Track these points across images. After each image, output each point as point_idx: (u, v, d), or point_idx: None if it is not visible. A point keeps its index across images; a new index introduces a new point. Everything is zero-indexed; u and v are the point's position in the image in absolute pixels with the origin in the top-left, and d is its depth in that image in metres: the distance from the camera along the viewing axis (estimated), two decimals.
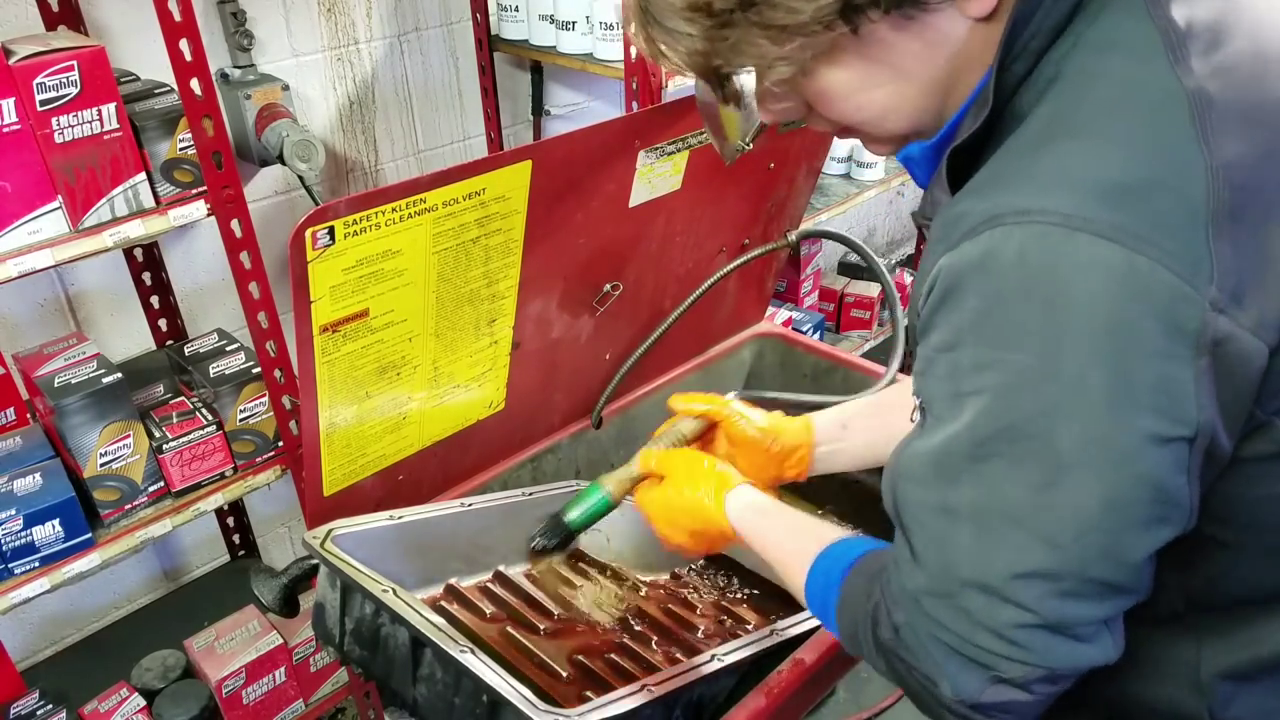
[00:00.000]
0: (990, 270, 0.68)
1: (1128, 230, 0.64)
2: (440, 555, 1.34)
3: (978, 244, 0.68)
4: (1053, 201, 0.66)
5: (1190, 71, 0.67)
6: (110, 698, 1.74)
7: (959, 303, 0.70)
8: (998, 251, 0.67)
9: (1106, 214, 0.64)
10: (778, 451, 1.26)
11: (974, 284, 0.69)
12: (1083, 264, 0.64)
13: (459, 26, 2.38)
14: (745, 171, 1.65)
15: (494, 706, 1.00)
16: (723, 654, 1.19)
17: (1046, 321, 0.66)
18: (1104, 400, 0.65)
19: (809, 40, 0.74)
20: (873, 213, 4.21)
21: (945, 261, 0.71)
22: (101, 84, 1.40)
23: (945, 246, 0.72)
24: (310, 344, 1.18)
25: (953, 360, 0.72)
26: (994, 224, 0.68)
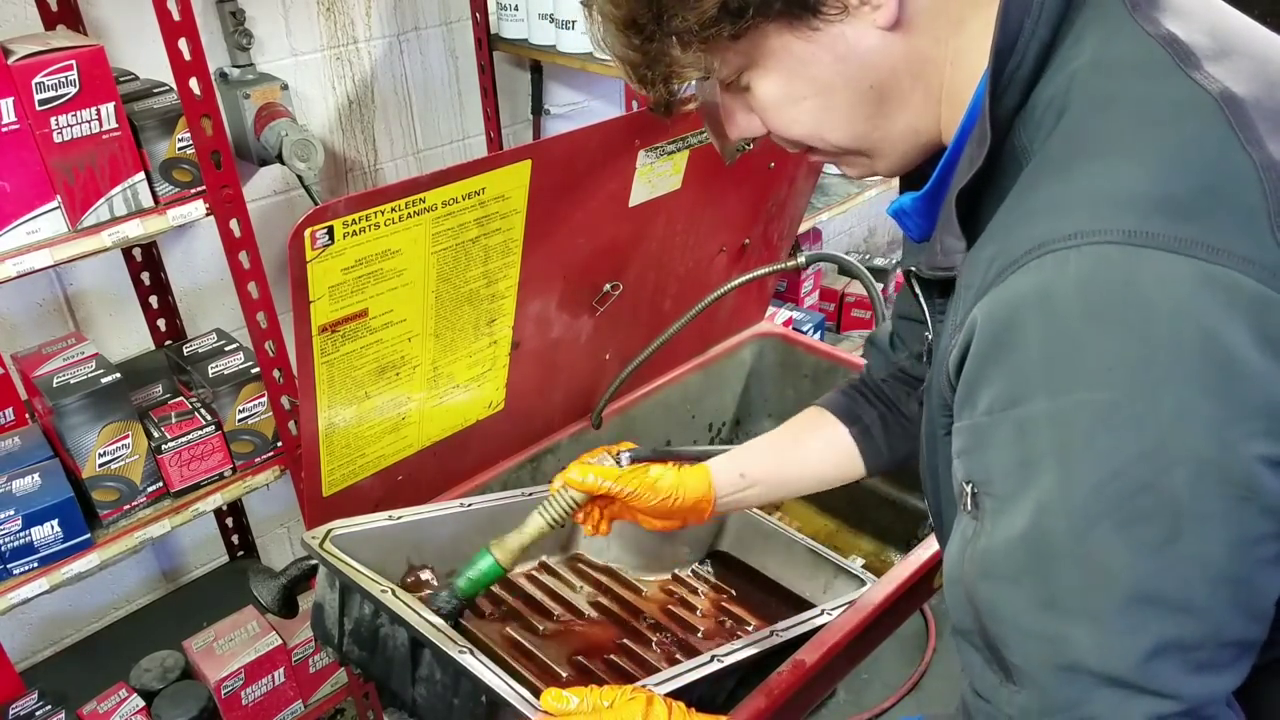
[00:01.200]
0: (1050, 302, 0.60)
1: (1196, 241, 0.58)
2: (440, 555, 1.33)
3: (1026, 277, 0.62)
4: (1107, 221, 0.60)
5: (1210, 77, 0.65)
6: (109, 698, 1.74)
7: (1015, 347, 0.62)
8: (1055, 281, 0.60)
9: (1169, 227, 0.59)
10: (680, 509, 1.19)
11: (1031, 322, 0.61)
12: (1157, 282, 0.58)
13: (458, 26, 2.37)
14: (745, 171, 1.65)
15: (493, 707, 1.00)
16: (723, 654, 1.18)
17: (1129, 351, 0.58)
18: (1212, 429, 0.57)
19: (710, 46, 0.75)
20: (873, 212, 4.20)
21: (984, 307, 0.64)
22: (100, 83, 1.40)
23: (977, 293, 0.65)
24: (309, 344, 1.18)
25: (1018, 419, 0.62)
26: (1040, 253, 0.62)
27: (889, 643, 1.50)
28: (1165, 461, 0.58)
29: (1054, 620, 0.62)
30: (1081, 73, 0.69)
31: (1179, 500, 0.58)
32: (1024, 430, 0.62)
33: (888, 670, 2.54)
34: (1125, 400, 0.58)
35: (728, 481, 1.22)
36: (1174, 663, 0.60)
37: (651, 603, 1.47)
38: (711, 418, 2.03)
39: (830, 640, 1.26)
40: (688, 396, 1.96)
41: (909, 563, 1.37)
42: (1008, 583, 0.65)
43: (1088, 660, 0.61)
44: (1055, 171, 0.67)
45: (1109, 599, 0.60)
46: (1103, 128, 0.66)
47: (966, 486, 0.68)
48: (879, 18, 0.73)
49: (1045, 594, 0.63)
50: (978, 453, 0.66)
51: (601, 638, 1.33)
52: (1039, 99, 0.70)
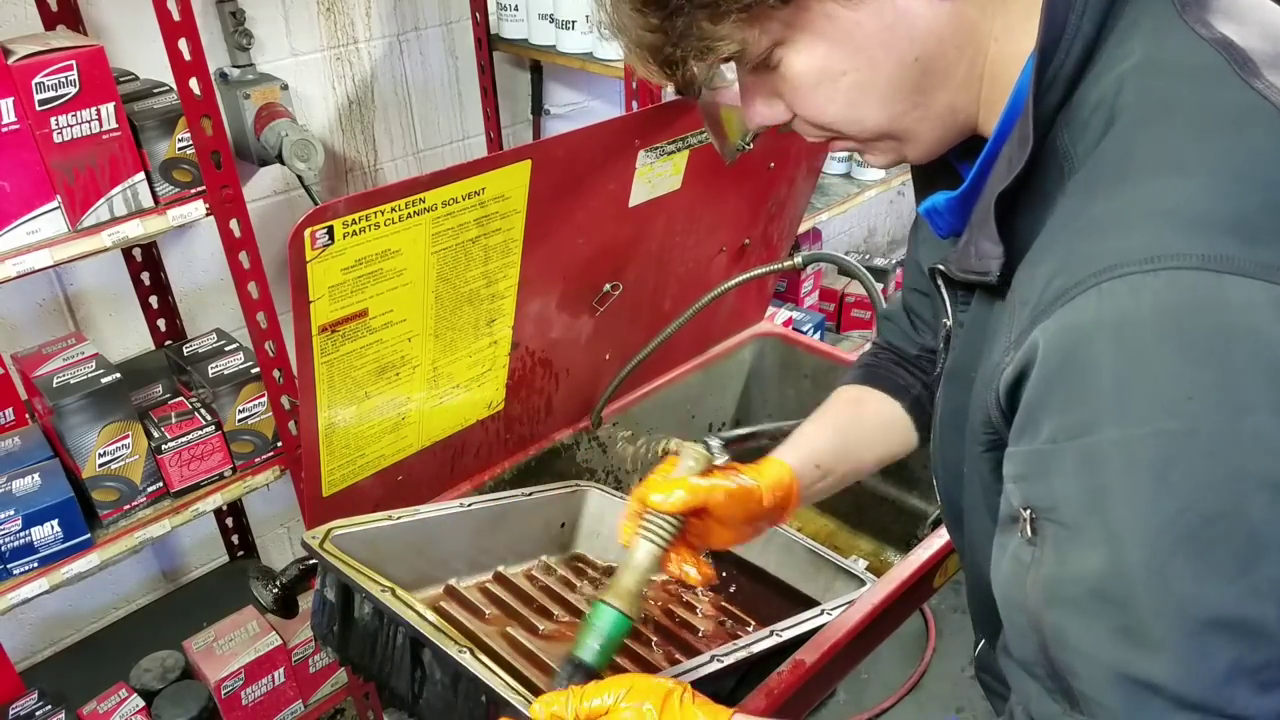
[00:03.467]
0: (1124, 329, 0.58)
1: (1272, 265, 0.57)
2: (440, 556, 1.33)
3: (1097, 301, 0.60)
4: (1184, 244, 0.58)
5: (1272, 86, 0.62)
6: (109, 698, 1.74)
7: (1084, 374, 0.60)
8: (1128, 307, 0.58)
9: (1244, 251, 0.57)
10: (763, 511, 1.07)
11: (1103, 349, 0.59)
12: (1237, 308, 0.56)
13: (458, 26, 2.37)
14: (745, 171, 1.65)
15: (493, 706, 0.99)
16: (722, 654, 1.18)
17: (1207, 379, 0.57)
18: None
19: (747, 16, 0.71)
20: (873, 212, 4.21)
21: (1052, 330, 0.62)
22: (100, 84, 1.40)
23: (1034, 311, 0.63)
24: (309, 344, 1.18)
25: (1087, 448, 0.60)
26: (1111, 275, 0.59)
27: (889, 643, 1.50)
28: (1242, 489, 0.57)
29: (1129, 648, 0.61)
30: (1132, 75, 0.66)
31: (1255, 527, 0.57)
32: (1094, 459, 0.60)
33: (887, 670, 2.54)
34: (1202, 429, 0.57)
35: (808, 475, 1.12)
36: (1246, 684, 0.59)
37: (651, 602, 1.47)
38: (711, 418, 2.03)
39: (830, 640, 1.26)
40: (688, 396, 1.96)
41: (909, 563, 1.37)
42: (1078, 611, 0.63)
43: (1164, 686, 0.60)
44: (1112, 184, 0.64)
45: (1186, 626, 0.59)
46: (1162, 138, 0.63)
47: (1024, 512, 0.66)
48: None
49: (1120, 623, 0.61)
50: (1040, 481, 0.64)
51: None
52: (1084, 99, 0.68)
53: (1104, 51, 0.68)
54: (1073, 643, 0.64)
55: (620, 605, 0.97)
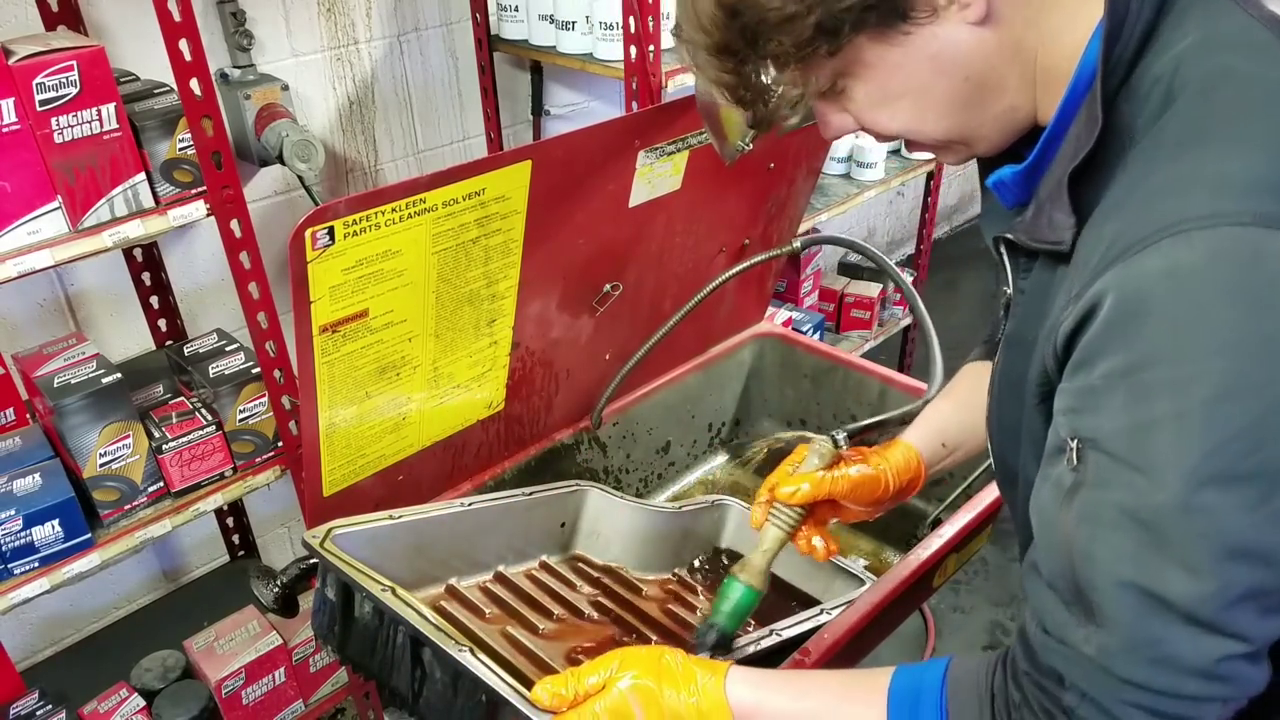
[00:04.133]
0: (1182, 278, 0.64)
1: None
2: (440, 555, 1.34)
3: (1158, 256, 0.65)
4: (1238, 203, 0.64)
5: None
6: (110, 698, 1.74)
7: (1143, 320, 0.65)
8: (1187, 259, 0.64)
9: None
10: (891, 492, 1.19)
11: (1161, 296, 0.64)
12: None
13: (459, 26, 2.38)
14: (745, 171, 1.65)
15: (493, 706, 1.00)
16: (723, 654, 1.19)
17: (1256, 325, 0.62)
18: None
19: (808, 65, 0.78)
20: (872, 213, 4.21)
21: (1113, 280, 0.67)
22: (101, 84, 1.40)
23: (1102, 265, 0.68)
24: (310, 344, 1.18)
25: (1137, 385, 0.66)
26: (1172, 232, 0.64)
27: (889, 642, 1.51)
28: (1274, 427, 0.62)
29: (1152, 565, 0.66)
30: (1188, 54, 0.71)
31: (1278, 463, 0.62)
32: (1143, 396, 0.65)
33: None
34: (1246, 370, 0.62)
35: (931, 453, 1.22)
36: (1252, 608, 0.66)
37: (651, 602, 1.47)
38: (711, 418, 2.03)
39: (830, 640, 1.26)
40: (688, 396, 1.96)
41: (908, 562, 1.37)
42: (1109, 529, 0.68)
43: (1177, 602, 0.66)
44: (1173, 154, 0.69)
45: (1208, 551, 0.65)
46: (1216, 111, 0.69)
47: (1071, 441, 0.71)
48: (969, 14, 0.75)
49: (1147, 543, 0.66)
50: (1089, 414, 0.69)
51: (601, 637, 1.34)
52: (1143, 78, 0.72)
53: (1161, 34, 0.73)
54: (1099, 556, 0.69)
55: (750, 580, 1.15)
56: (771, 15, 0.75)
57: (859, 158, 2.96)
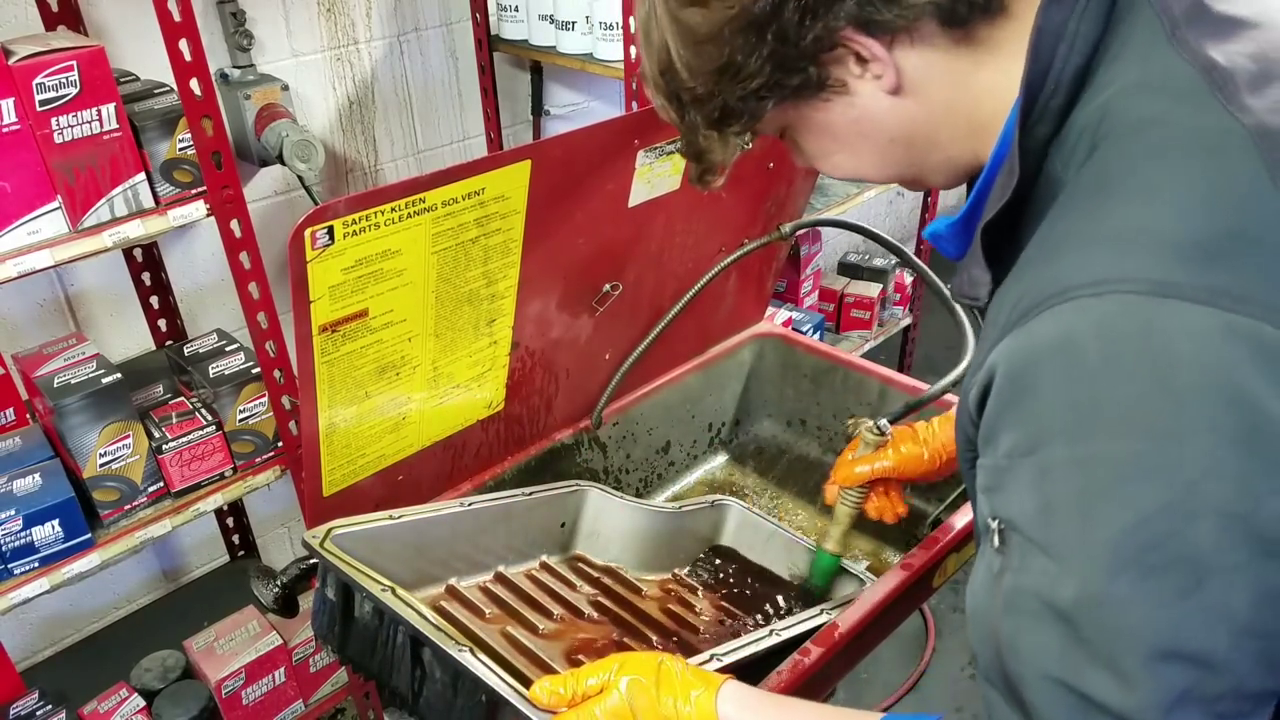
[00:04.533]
0: (1071, 351, 0.60)
1: (1221, 290, 0.57)
2: (440, 555, 1.34)
3: (1047, 324, 0.61)
4: (1130, 268, 0.59)
5: (1246, 109, 0.62)
6: (110, 698, 1.74)
7: (1036, 393, 0.62)
8: (1076, 329, 0.60)
9: (1193, 275, 0.58)
10: (942, 460, 1.36)
11: (1052, 369, 0.61)
12: (1181, 334, 0.57)
13: (459, 26, 2.38)
14: (745, 171, 1.65)
15: (493, 706, 1.00)
16: (722, 654, 1.18)
17: (1152, 401, 0.57)
18: (1238, 483, 0.56)
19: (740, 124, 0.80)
20: (872, 213, 4.21)
21: (1005, 350, 0.64)
22: (101, 84, 1.40)
23: (1001, 332, 0.65)
24: (309, 344, 1.18)
25: (1038, 464, 0.62)
26: (1063, 299, 0.61)
27: (888, 642, 1.51)
28: (1189, 513, 0.57)
29: (1076, 664, 0.62)
30: (1115, 100, 0.67)
31: (1202, 552, 0.57)
32: (1044, 477, 0.62)
33: (887, 670, 2.54)
34: (1148, 450, 0.58)
35: None
36: (1195, 713, 0.59)
37: (651, 602, 1.47)
38: (711, 418, 2.03)
39: (830, 640, 1.26)
40: (688, 396, 1.96)
41: (908, 563, 1.37)
42: (1031, 620, 0.64)
43: (1110, 706, 0.61)
44: (1081, 207, 0.66)
45: (1133, 651, 0.59)
46: (1131, 161, 0.65)
47: (992, 523, 0.67)
48: (883, 85, 0.74)
49: (1069, 638, 0.62)
50: (1000, 494, 0.66)
51: (601, 638, 1.34)
52: (1073, 126, 0.69)
53: (1095, 79, 0.69)
54: (1024, 651, 0.65)
55: (832, 549, 1.43)
56: (685, 94, 0.79)
57: None
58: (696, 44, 0.75)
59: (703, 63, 0.76)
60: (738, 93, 0.76)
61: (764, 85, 0.75)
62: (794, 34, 0.72)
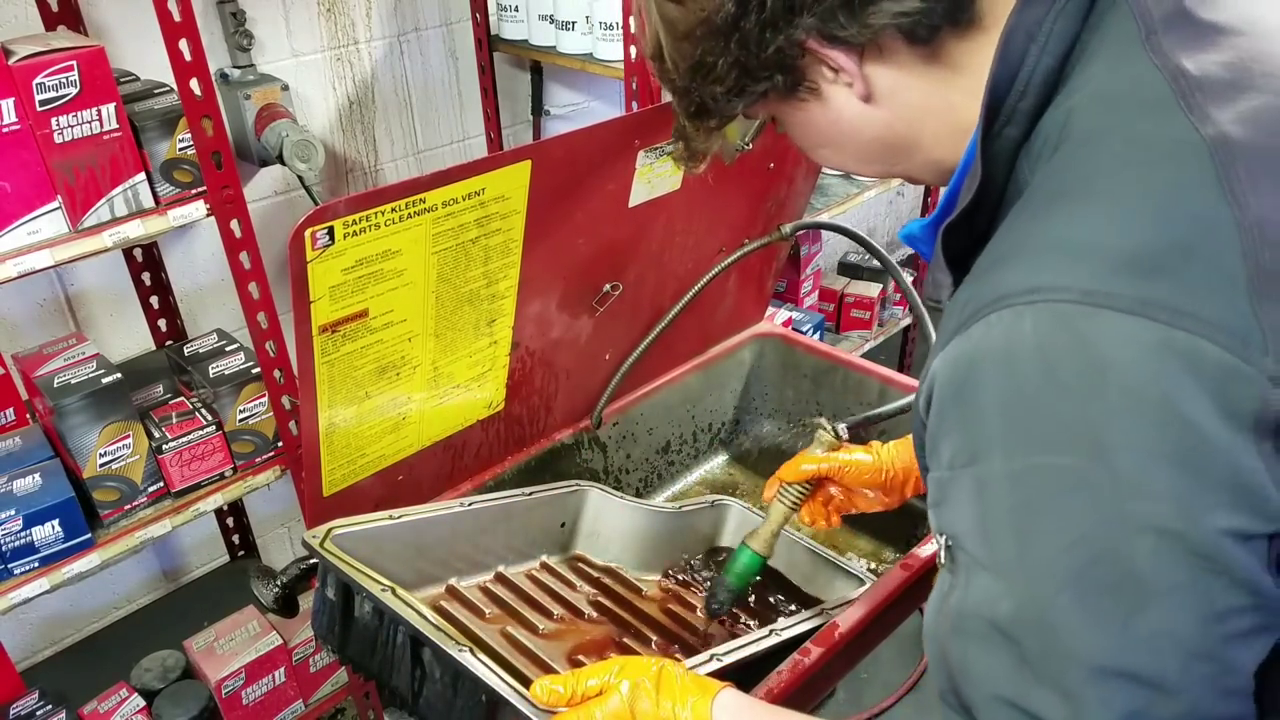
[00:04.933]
0: (1005, 360, 0.59)
1: (1158, 304, 0.55)
2: (440, 555, 1.34)
3: (983, 331, 0.60)
4: (1066, 277, 0.58)
5: (1208, 119, 0.60)
6: (110, 698, 1.74)
7: (972, 403, 0.61)
8: (1010, 338, 0.59)
9: (1130, 287, 0.56)
10: (892, 481, 1.28)
11: (987, 378, 0.60)
12: (1113, 345, 0.56)
13: (459, 26, 2.38)
14: (745, 171, 1.65)
15: (493, 705, 1.00)
16: (722, 654, 1.19)
17: (1086, 415, 0.56)
18: (1174, 499, 0.55)
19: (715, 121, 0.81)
20: (872, 213, 4.21)
21: (945, 356, 0.63)
22: (101, 84, 1.40)
23: (945, 339, 0.64)
24: (310, 344, 1.18)
25: (976, 477, 0.61)
26: (999, 306, 0.60)
27: (888, 642, 1.51)
28: (1126, 531, 0.56)
29: (1024, 685, 0.60)
30: (1079, 105, 0.66)
31: (1141, 572, 0.56)
32: (982, 489, 0.61)
33: (887, 670, 2.54)
34: (1083, 465, 0.56)
35: None
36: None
37: (651, 602, 1.48)
38: (711, 418, 2.03)
39: (829, 640, 1.26)
40: (688, 396, 1.96)
41: (908, 563, 1.37)
42: (978, 641, 0.63)
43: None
44: (1032, 213, 0.65)
45: (1075, 670, 0.58)
46: (1084, 168, 0.63)
47: (940, 539, 0.66)
48: (855, 91, 0.75)
49: (1014, 658, 0.60)
50: (944, 508, 0.65)
51: (601, 637, 1.34)
52: (1040, 131, 0.68)
53: (1067, 84, 0.68)
54: (973, 673, 0.64)
55: (757, 547, 1.31)
56: (668, 83, 0.81)
57: None
58: (676, 39, 0.77)
59: (681, 58, 0.77)
60: (709, 92, 0.77)
61: (731, 89, 0.76)
62: (755, 44, 0.72)
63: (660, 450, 1.94)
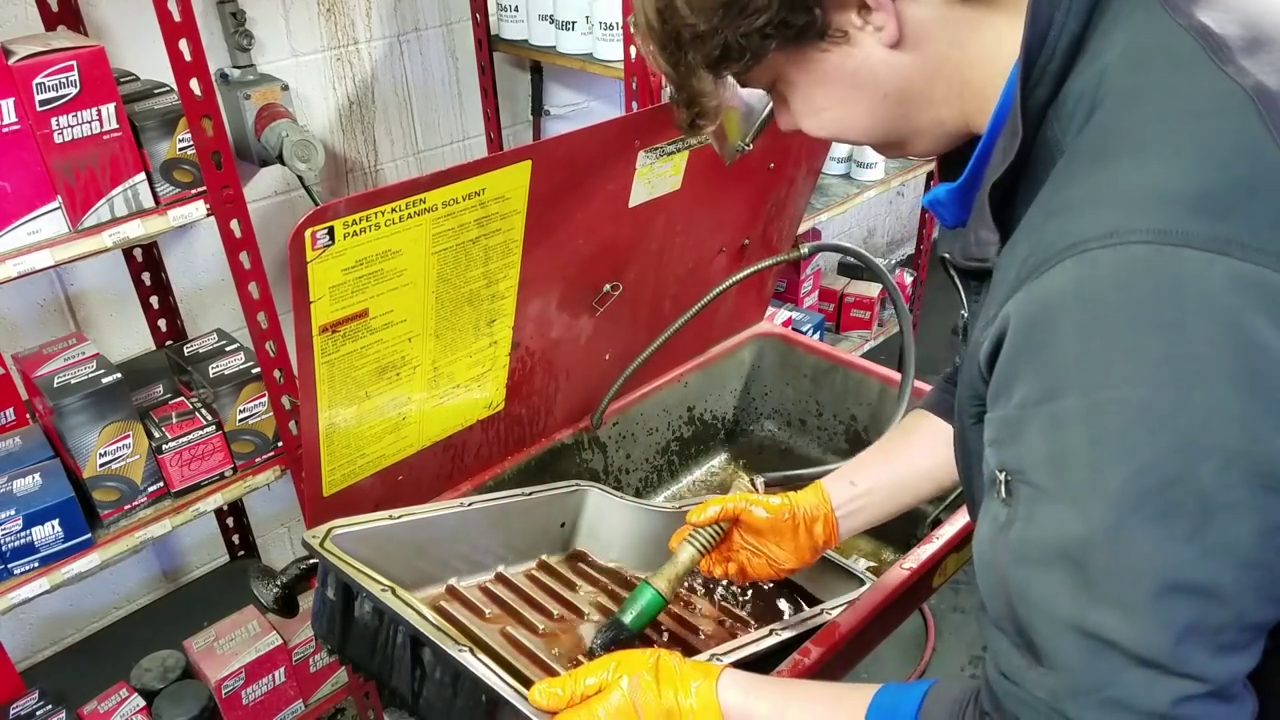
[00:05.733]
0: (1085, 301, 0.62)
1: (1229, 239, 0.59)
2: (440, 555, 1.34)
3: (1061, 276, 0.63)
4: (1141, 220, 0.61)
5: (1243, 70, 0.65)
6: (110, 698, 1.74)
7: (1049, 344, 0.64)
8: (1090, 279, 0.62)
9: (1203, 226, 0.60)
10: (800, 525, 1.23)
11: (1065, 319, 0.63)
12: (1190, 281, 0.59)
13: (459, 26, 2.38)
14: (745, 172, 1.65)
15: (493, 705, 1.00)
16: (722, 654, 1.19)
17: (1162, 349, 0.60)
18: (1242, 424, 0.59)
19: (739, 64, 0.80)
20: (872, 213, 4.21)
21: (1019, 302, 0.66)
22: (101, 84, 1.40)
23: (1011, 288, 0.67)
24: (310, 344, 1.18)
25: (1053, 413, 0.64)
26: (1075, 251, 0.63)
27: (888, 643, 1.51)
28: (1195, 455, 0.60)
29: (1087, 606, 0.64)
30: (1113, 65, 0.69)
31: (1208, 492, 0.60)
32: (1058, 425, 0.64)
33: (887, 670, 2.54)
34: (1158, 397, 0.60)
35: (840, 491, 1.25)
36: (1201, 645, 0.62)
37: None
38: (711, 418, 2.03)
39: (830, 640, 1.26)
40: (688, 397, 1.96)
41: (908, 563, 1.38)
42: (1041, 568, 0.66)
43: (1120, 642, 0.63)
44: (1087, 167, 0.68)
45: (1142, 587, 0.62)
46: (1134, 122, 0.67)
47: (1000, 474, 0.69)
48: (883, 37, 0.76)
49: (1079, 581, 0.64)
50: (1011, 444, 0.68)
51: None
52: (1070, 91, 0.71)
53: (1090, 46, 0.71)
54: (1034, 597, 0.67)
55: (659, 587, 1.22)
56: (685, 31, 0.78)
57: (859, 157, 2.95)
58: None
59: None
60: (742, 28, 0.76)
61: (769, 22, 0.75)
62: None
63: (660, 450, 1.95)
